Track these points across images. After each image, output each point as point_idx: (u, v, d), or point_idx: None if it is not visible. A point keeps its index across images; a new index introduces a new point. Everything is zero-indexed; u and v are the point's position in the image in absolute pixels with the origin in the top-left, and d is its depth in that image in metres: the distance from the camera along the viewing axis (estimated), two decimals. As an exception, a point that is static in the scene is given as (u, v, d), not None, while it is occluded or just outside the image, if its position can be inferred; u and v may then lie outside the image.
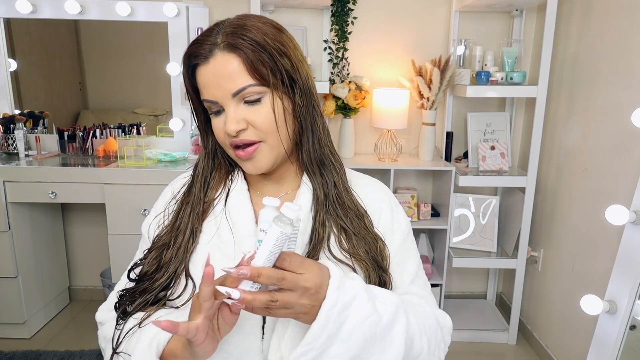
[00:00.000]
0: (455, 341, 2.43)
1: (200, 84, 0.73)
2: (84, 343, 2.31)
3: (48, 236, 2.54)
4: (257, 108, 0.72)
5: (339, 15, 2.43)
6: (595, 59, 1.94)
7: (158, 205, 0.86)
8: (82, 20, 2.48)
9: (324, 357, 0.61)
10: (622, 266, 1.38)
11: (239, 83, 0.70)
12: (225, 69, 0.70)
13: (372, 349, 0.63)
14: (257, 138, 0.73)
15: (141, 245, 0.86)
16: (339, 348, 0.61)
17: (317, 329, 0.59)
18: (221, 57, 0.70)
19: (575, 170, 2.06)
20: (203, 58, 0.71)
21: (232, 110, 0.71)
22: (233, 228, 0.76)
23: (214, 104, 0.73)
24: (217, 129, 0.75)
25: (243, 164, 0.76)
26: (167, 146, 2.55)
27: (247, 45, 0.69)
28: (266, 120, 0.72)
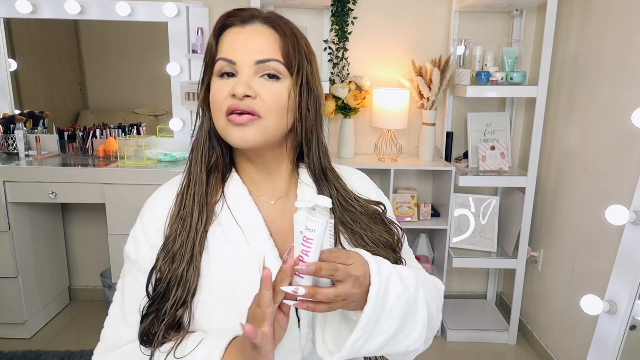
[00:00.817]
0: (455, 341, 2.43)
1: (226, 43, 0.72)
2: (84, 343, 2.31)
3: (48, 236, 2.54)
4: (272, 85, 0.71)
5: (339, 15, 2.43)
6: (595, 59, 1.94)
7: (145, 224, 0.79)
8: (82, 20, 2.48)
9: (372, 337, 0.63)
10: (622, 266, 1.38)
11: (268, 54, 0.71)
12: (259, 37, 0.71)
13: (407, 320, 0.67)
14: (259, 111, 0.71)
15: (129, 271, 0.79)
16: (383, 326, 0.64)
17: (370, 313, 0.61)
18: (260, 26, 0.72)
19: (575, 170, 2.06)
20: (240, 21, 0.72)
21: (246, 75, 0.71)
22: (245, 231, 0.75)
23: (231, 64, 0.71)
24: (219, 91, 0.72)
25: (231, 132, 0.72)
26: (167, 146, 2.55)
27: (287, 30, 0.72)
28: (275, 98, 0.71)
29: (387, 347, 0.66)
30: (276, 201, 0.81)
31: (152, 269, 0.73)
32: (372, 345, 0.64)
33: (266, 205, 0.80)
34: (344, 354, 0.62)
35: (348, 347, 0.62)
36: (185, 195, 0.77)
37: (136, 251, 0.78)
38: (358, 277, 0.60)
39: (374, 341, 0.63)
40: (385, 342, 0.65)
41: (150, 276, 0.73)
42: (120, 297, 0.79)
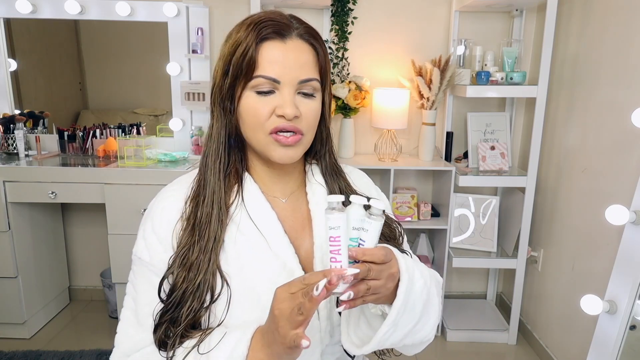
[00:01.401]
0: (455, 341, 2.43)
1: (266, 58, 0.70)
2: (84, 343, 2.31)
3: (48, 236, 2.54)
4: (310, 102, 0.74)
5: (339, 15, 2.43)
6: (595, 59, 1.94)
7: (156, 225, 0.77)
8: (82, 20, 2.48)
9: (398, 329, 0.66)
10: (622, 266, 1.38)
11: (310, 73, 0.73)
12: (301, 55, 0.72)
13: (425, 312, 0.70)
14: (303, 130, 0.74)
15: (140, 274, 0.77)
16: (407, 319, 0.67)
17: (399, 307, 0.64)
18: (299, 42, 0.73)
19: (575, 170, 2.06)
20: (280, 35, 0.71)
21: (291, 95, 0.72)
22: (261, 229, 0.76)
23: (275, 83, 0.71)
24: (262, 109, 0.71)
25: (277, 150, 0.73)
26: (167, 146, 2.55)
27: (320, 46, 0.75)
28: (315, 115, 0.75)
29: (407, 338, 0.69)
30: (287, 199, 0.83)
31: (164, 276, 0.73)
32: (396, 337, 0.67)
33: (278, 204, 0.82)
34: (372, 346, 0.65)
35: (377, 339, 0.64)
36: (202, 204, 0.75)
37: (149, 253, 0.76)
38: (393, 273, 0.64)
39: (398, 333, 0.66)
40: (407, 333, 0.68)
41: (162, 282, 0.73)
42: (131, 301, 0.77)
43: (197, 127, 2.52)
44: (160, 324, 0.71)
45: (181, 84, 2.46)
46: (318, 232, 0.79)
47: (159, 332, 0.71)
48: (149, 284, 0.75)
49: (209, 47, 2.46)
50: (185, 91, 2.46)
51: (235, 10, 2.43)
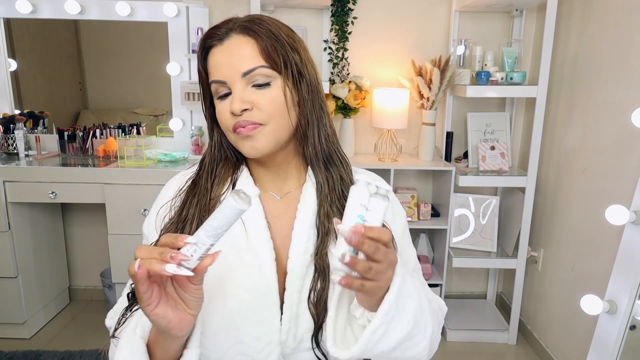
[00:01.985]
0: (455, 341, 2.43)
1: (212, 64, 0.75)
2: (84, 343, 2.31)
3: (48, 236, 2.54)
4: (265, 91, 0.73)
5: (339, 15, 2.43)
6: (595, 59, 1.94)
7: (159, 201, 0.84)
8: (82, 20, 2.48)
9: (390, 332, 0.63)
10: (622, 266, 1.38)
11: (251, 64, 0.72)
12: (238, 49, 0.73)
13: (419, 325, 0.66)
14: (259, 120, 0.73)
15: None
16: (400, 322, 0.63)
17: (393, 300, 0.61)
18: (236, 38, 0.73)
19: (575, 170, 2.06)
20: (218, 39, 0.74)
21: (239, 90, 0.73)
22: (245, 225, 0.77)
23: (223, 84, 0.74)
24: (222, 112, 0.75)
25: (242, 144, 0.75)
26: (167, 146, 2.55)
27: (263, 32, 0.73)
28: (272, 103, 0.73)
29: (398, 350, 0.65)
30: (283, 197, 0.82)
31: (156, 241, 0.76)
32: (387, 344, 0.63)
33: (272, 200, 0.82)
34: (360, 346, 0.62)
35: (366, 337, 0.61)
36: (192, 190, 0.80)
37: (148, 227, 0.83)
38: (393, 260, 0.61)
39: (390, 337, 0.63)
40: (399, 342, 0.64)
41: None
42: None
43: (197, 127, 2.52)
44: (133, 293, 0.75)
45: (181, 84, 2.46)
46: (298, 231, 0.77)
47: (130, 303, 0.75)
48: None
49: (209, 47, 2.45)
50: (185, 91, 2.46)
51: (235, 10, 2.43)
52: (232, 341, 0.73)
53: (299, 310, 0.74)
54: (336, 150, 0.81)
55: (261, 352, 0.73)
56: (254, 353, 0.73)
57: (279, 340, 0.73)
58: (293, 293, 0.74)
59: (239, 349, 0.73)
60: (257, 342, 0.73)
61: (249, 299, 0.73)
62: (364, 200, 0.60)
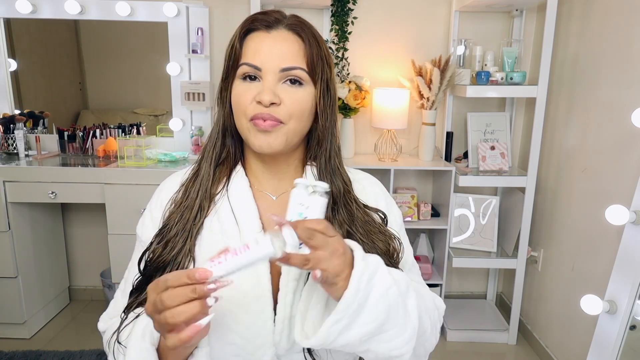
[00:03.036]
0: (455, 341, 2.43)
1: (251, 47, 0.74)
2: (84, 343, 2.31)
3: (48, 236, 2.54)
4: (295, 91, 0.74)
5: (339, 15, 2.43)
6: (595, 59, 1.94)
7: (153, 203, 0.84)
8: (82, 20, 2.48)
9: (353, 326, 0.62)
10: (622, 266, 1.38)
11: (293, 62, 0.73)
12: (285, 44, 0.73)
13: (394, 319, 0.64)
14: (282, 117, 0.73)
15: (136, 248, 0.85)
16: (367, 317, 0.62)
17: (350, 296, 0.60)
18: (285, 33, 0.74)
19: (575, 170, 2.06)
20: (266, 26, 0.74)
21: (271, 82, 0.73)
22: (239, 224, 0.77)
23: (256, 70, 0.73)
24: (244, 95, 0.74)
25: (256, 137, 0.74)
26: (167, 146, 2.55)
27: (311, 37, 0.75)
28: (298, 105, 0.74)
29: (368, 343, 0.64)
30: (278, 197, 0.82)
31: (145, 250, 0.77)
32: (352, 336, 0.62)
33: (267, 200, 0.82)
34: (320, 337, 0.61)
35: (325, 330, 0.60)
36: (190, 189, 0.80)
37: (142, 229, 0.83)
38: (337, 248, 0.61)
39: (354, 331, 0.61)
40: (367, 335, 0.62)
41: (142, 255, 0.77)
42: (127, 272, 0.84)
43: (197, 127, 2.52)
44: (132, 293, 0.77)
45: (181, 84, 2.46)
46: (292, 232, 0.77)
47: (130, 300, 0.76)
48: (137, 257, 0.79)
49: (209, 47, 2.46)
50: (185, 91, 2.46)
51: (235, 10, 2.43)
52: (225, 342, 0.72)
53: (293, 311, 0.73)
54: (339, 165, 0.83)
55: (254, 353, 0.72)
56: (247, 354, 0.72)
57: (273, 342, 0.73)
58: (287, 294, 0.73)
59: (232, 350, 0.72)
60: (250, 343, 0.72)
61: (242, 300, 0.73)
62: (301, 200, 0.65)
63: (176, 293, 0.56)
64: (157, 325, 0.60)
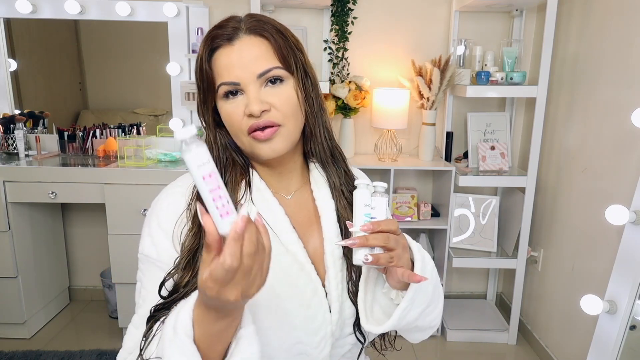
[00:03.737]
0: (455, 341, 2.43)
1: (221, 66, 0.73)
2: (84, 343, 2.31)
3: (48, 236, 2.54)
4: (280, 90, 0.73)
5: (339, 15, 2.43)
6: (595, 59, 1.94)
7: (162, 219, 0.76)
8: (82, 20, 2.48)
9: (413, 307, 0.70)
10: (622, 266, 1.38)
11: (266, 65, 0.72)
12: (252, 50, 0.72)
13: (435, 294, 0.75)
14: (277, 121, 0.73)
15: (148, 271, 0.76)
16: (421, 299, 0.71)
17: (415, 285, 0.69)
18: (247, 39, 0.73)
19: (575, 170, 2.06)
20: (227, 39, 0.73)
21: (255, 91, 0.72)
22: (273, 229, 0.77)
23: (235, 85, 0.72)
24: (233, 113, 0.73)
25: (259, 147, 0.74)
26: (167, 146, 2.55)
27: (273, 32, 0.74)
28: (287, 103, 0.74)
29: (420, 319, 0.73)
30: (291, 196, 0.83)
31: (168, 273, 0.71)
32: (411, 316, 0.71)
33: (283, 200, 0.83)
34: (392, 323, 0.69)
35: (397, 315, 0.69)
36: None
37: (156, 249, 0.75)
38: (405, 244, 0.69)
39: (413, 312, 0.71)
40: (421, 313, 0.72)
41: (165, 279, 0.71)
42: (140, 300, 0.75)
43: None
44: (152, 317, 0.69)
45: (181, 84, 2.46)
46: (327, 227, 0.80)
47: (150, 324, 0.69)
48: (156, 282, 0.73)
49: (209, 47, 2.45)
50: (185, 91, 2.45)
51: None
52: (292, 342, 0.74)
53: (342, 299, 0.78)
54: (336, 145, 0.85)
55: (317, 346, 0.76)
56: (312, 349, 0.76)
57: (332, 332, 0.77)
58: (337, 285, 0.77)
59: (299, 349, 0.75)
60: (314, 337, 0.75)
61: (300, 298, 0.76)
62: (367, 201, 0.68)
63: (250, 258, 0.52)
64: (254, 285, 0.55)
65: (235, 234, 0.51)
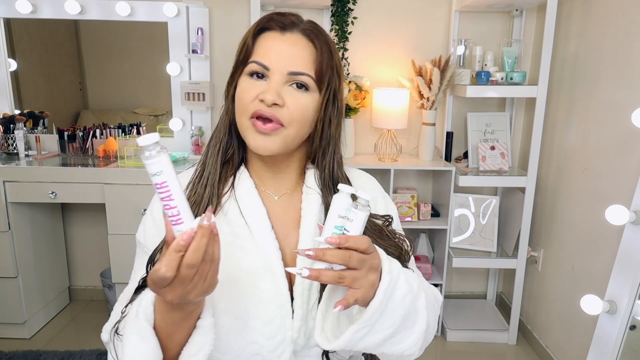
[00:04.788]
0: (455, 341, 2.43)
1: (262, 46, 0.74)
2: (84, 343, 2.31)
3: (48, 236, 2.54)
4: (301, 96, 0.74)
5: (339, 15, 2.43)
6: (595, 59, 1.94)
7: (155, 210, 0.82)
8: (82, 20, 2.48)
9: (372, 332, 0.64)
10: (622, 266, 1.38)
11: (301, 67, 0.73)
12: (296, 48, 0.73)
13: (407, 322, 0.67)
14: (283, 120, 0.73)
15: (138, 255, 0.83)
16: (384, 324, 0.64)
17: (375, 307, 0.62)
18: (298, 37, 0.74)
19: (575, 170, 2.06)
20: (281, 27, 0.74)
21: (277, 83, 0.72)
22: (249, 225, 0.77)
23: (265, 69, 0.73)
24: (247, 92, 0.73)
25: (254, 137, 0.74)
26: (167, 146, 2.55)
27: (324, 45, 0.75)
28: (301, 110, 0.74)
29: (384, 346, 0.67)
30: (280, 197, 0.83)
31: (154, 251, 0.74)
32: (370, 341, 0.64)
33: (270, 200, 0.82)
34: (342, 342, 0.63)
35: (347, 337, 0.62)
36: (197, 185, 0.79)
37: (144, 235, 0.80)
38: (373, 265, 0.62)
39: (373, 337, 0.64)
40: (384, 340, 0.65)
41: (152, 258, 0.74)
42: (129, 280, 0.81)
43: (197, 127, 2.52)
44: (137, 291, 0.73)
45: (181, 84, 2.46)
46: (305, 232, 0.78)
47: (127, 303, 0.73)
48: (141, 264, 0.77)
49: (209, 47, 2.46)
50: (185, 91, 2.46)
51: (235, 10, 2.43)
52: (246, 342, 0.73)
53: (309, 307, 0.75)
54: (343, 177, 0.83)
55: (274, 351, 0.73)
56: (267, 352, 0.73)
57: (292, 339, 0.74)
58: (303, 291, 0.75)
59: (253, 349, 0.73)
60: (270, 341, 0.73)
61: (261, 297, 0.74)
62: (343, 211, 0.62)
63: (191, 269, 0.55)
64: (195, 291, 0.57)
65: (176, 246, 0.54)
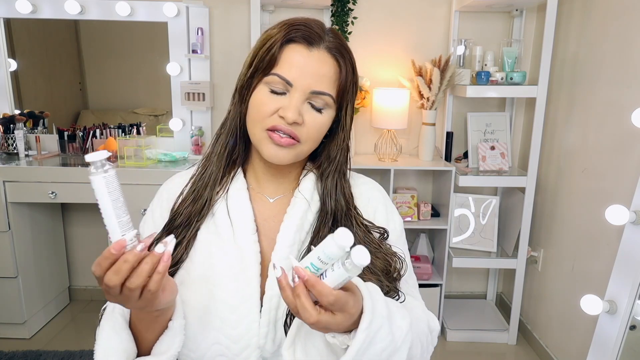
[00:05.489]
0: (455, 341, 2.43)
1: (287, 59, 0.72)
2: (84, 343, 2.31)
3: (48, 236, 2.54)
4: (315, 115, 0.74)
5: (339, 15, 2.43)
6: (595, 59, 1.94)
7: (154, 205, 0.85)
8: (82, 20, 2.48)
9: None
10: (622, 266, 1.38)
11: (325, 87, 0.73)
12: (322, 67, 0.73)
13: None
14: (301, 137, 0.73)
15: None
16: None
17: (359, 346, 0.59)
18: (325, 55, 0.73)
19: (575, 170, 2.06)
20: (308, 42, 0.72)
21: (299, 100, 0.72)
22: (234, 226, 0.77)
23: (286, 84, 0.71)
24: (266, 105, 0.72)
25: (268, 147, 0.73)
26: (167, 146, 2.55)
27: (348, 65, 0.76)
28: (318, 129, 0.75)
29: None
30: (275, 200, 0.83)
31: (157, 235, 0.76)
32: None
33: (263, 203, 0.82)
34: None
35: None
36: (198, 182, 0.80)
37: (143, 226, 0.84)
38: (352, 314, 0.59)
39: None
40: None
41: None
42: None
43: (197, 127, 2.52)
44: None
45: (181, 84, 2.46)
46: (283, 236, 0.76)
47: None
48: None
49: (209, 47, 2.46)
50: (185, 91, 2.46)
51: (235, 10, 2.43)
52: (211, 342, 0.72)
53: (278, 314, 0.73)
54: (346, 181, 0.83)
55: (240, 354, 0.72)
56: (233, 355, 0.72)
57: (257, 344, 0.72)
58: (272, 297, 0.73)
59: (217, 350, 0.72)
60: (235, 344, 0.72)
61: (230, 301, 0.73)
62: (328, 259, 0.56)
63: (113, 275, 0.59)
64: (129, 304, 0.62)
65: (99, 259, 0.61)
